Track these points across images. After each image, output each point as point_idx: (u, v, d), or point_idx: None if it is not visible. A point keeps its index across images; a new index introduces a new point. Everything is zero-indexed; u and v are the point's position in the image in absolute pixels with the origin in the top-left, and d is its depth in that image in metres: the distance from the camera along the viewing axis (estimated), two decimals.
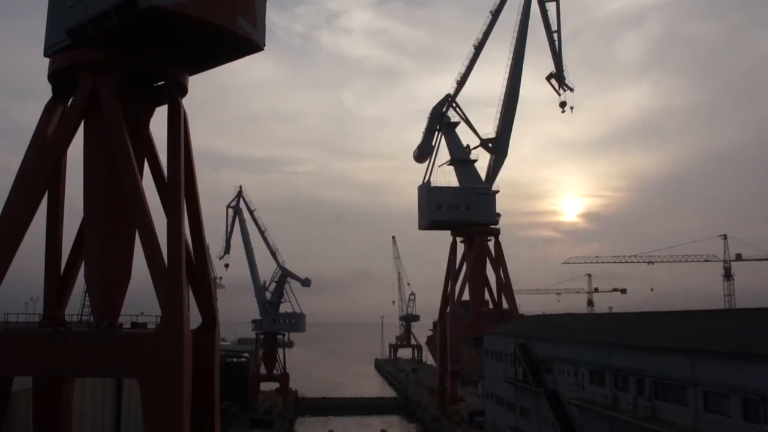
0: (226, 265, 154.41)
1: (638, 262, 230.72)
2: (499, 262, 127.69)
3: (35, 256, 50.57)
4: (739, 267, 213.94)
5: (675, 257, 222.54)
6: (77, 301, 50.30)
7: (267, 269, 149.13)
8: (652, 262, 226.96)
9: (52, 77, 48.38)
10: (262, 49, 47.27)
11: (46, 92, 49.45)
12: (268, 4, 47.23)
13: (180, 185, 47.73)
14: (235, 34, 44.63)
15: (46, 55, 48.54)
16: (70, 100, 48.18)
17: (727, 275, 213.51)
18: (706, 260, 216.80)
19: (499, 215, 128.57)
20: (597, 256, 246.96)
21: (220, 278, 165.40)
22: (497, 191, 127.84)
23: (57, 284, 50.27)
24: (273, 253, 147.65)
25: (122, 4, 41.08)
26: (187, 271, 47.49)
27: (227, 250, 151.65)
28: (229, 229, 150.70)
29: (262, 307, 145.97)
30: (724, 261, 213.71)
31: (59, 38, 46.90)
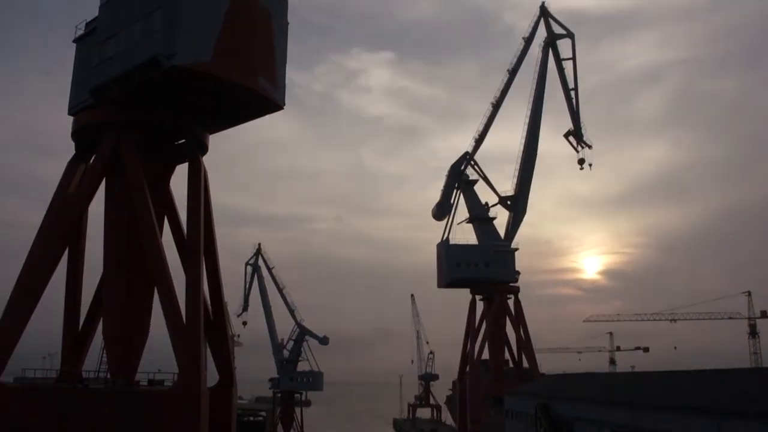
0: (244, 323, 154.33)
1: (661, 320, 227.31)
2: (519, 321, 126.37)
3: (54, 311, 50.76)
4: (764, 324, 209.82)
5: (698, 315, 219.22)
6: (95, 357, 50.09)
7: (285, 327, 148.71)
8: (675, 320, 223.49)
9: (75, 135, 49.33)
10: (282, 108, 48.04)
11: (68, 149, 50.41)
12: (288, 63, 48.22)
13: (199, 242, 47.98)
14: (256, 93, 45.46)
15: (70, 113, 49.61)
16: (93, 157, 48.94)
17: (753, 333, 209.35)
18: (731, 318, 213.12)
19: (518, 273, 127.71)
20: (618, 314, 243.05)
21: (238, 336, 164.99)
22: (516, 249, 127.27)
23: (75, 340, 50.33)
24: (291, 311, 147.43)
25: (145, 63, 42.13)
26: (205, 328, 47.37)
27: (245, 307, 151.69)
28: (247, 287, 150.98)
29: (280, 366, 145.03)
30: (749, 318, 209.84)
31: (83, 97, 48.02)
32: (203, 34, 42.56)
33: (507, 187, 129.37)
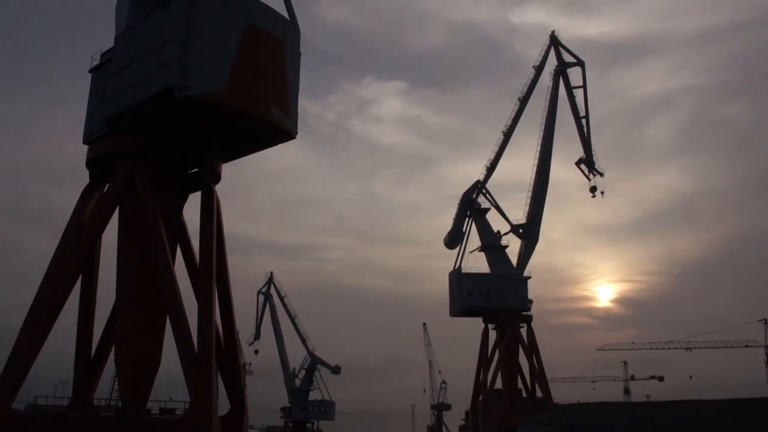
0: (256, 351, 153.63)
1: (675, 348, 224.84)
2: (533, 350, 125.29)
3: (66, 339, 50.84)
4: None
5: (714, 343, 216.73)
6: (107, 385, 50.10)
7: (297, 356, 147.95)
8: (690, 348, 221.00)
9: (89, 164, 49.78)
10: (295, 137, 48.31)
11: (82, 178, 50.79)
12: (300, 93, 48.58)
13: (212, 271, 48.13)
14: (269, 122, 45.80)
15: (85, 142, 50.05)
16: (106, 186, 49.29)
17: None
18: (747, 345, 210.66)
19: (531, 301, 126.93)
20: (632, 343, 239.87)
21: (250, 364, 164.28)
22: (529, 277, 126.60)
23: (87, 367, 50.33)
24: (303, 340, 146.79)
25: (160, 93, 42.55)
26: (217, 356, 47.32)
27: (257, 336, 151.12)
28: (259, 315, 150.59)
29: (292, 395, 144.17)
30: (766, 346, 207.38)
31: (98, 126, 48.47)
32: (216, 65, 43.01)
33: (519, 216, 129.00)
